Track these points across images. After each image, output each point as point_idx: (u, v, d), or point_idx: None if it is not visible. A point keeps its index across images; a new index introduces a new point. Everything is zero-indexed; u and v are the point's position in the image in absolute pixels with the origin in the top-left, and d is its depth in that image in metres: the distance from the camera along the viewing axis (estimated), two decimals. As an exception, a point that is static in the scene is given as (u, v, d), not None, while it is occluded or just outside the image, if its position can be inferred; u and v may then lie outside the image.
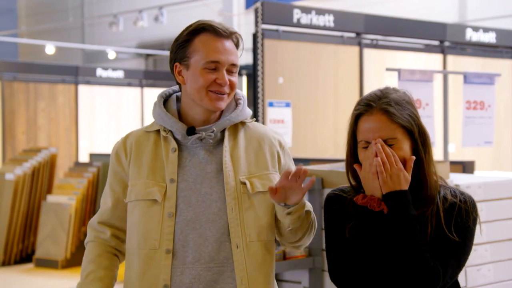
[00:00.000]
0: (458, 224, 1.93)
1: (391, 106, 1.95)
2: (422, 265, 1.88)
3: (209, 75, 2.01)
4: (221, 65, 2.01)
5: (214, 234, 2.00)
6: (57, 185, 8.06)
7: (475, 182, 3.27)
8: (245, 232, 2.01)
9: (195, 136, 2.02)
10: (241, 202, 2.02)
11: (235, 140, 2.08)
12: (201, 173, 2.03)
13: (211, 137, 2.03)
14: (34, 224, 8.02)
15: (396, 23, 7.35)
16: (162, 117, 2.06)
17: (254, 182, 2.05)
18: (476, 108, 4.28)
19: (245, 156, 2.07)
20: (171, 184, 2.02)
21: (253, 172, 2.06)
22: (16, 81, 11.13)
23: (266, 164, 2.09)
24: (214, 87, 2.01)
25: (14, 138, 10.93)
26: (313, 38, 6.70)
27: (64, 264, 7.52)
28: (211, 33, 2.02)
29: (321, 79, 6.73)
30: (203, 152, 2.05)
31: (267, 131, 2.16)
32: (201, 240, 1.99)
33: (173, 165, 2.03)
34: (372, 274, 1.94)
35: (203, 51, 2.01)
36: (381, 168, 1.91)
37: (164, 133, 2.06)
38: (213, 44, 2.01)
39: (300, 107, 6.49)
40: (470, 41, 7.71)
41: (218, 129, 2.05)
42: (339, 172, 3.41)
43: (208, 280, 1.99)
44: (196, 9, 15.24)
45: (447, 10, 12.29)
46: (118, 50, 15.88)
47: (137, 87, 12.67)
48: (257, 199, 2.04)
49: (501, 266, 3.38)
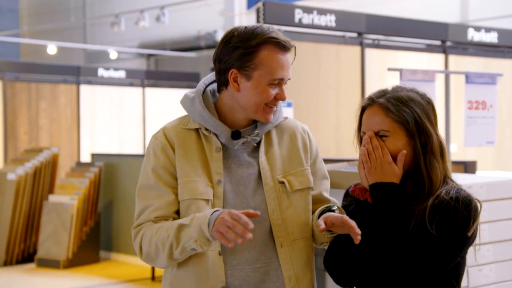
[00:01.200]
0: (441, 220, 1.93)
1: (389, 101, 2.00)
2: (398, 257, 1.92)
3: (271, 91, 2.00)
4: (283, 81, 2.02)
5: (259, 235, 2.01)
6: (59, 185, 8.06)
7: (477, 182, 3.27)
8: (287, 230, 2.03)
9: (241, 141, 2.02)
10: (281, 201, 2.04)
11: (268, 139, 2.09)
12: (244, 175, 2.03)
13: (256, 141, 2.05)
14: (36, 224, 8.02)
15: (398, 23, 7.34)
16: (205, 118, 2.03)
17: (292, 181, 2.06)
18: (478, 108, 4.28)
19: (280, 154, 2.09)
20: (218, 185, 2.01)
21: (289, 170, 2.08)
22: (18, 81, 11.13)
23: (300, 160, 2.10)
24: (271, 103, 2.02)
25: (16, 138, 10.94)
26: (315, 38, 6.69)
27: (66, 264, 7.52)
28: (276, 46, 1.99)
29: (322, 79, 6.72)
30: (245, 154, 2.05)
31: (297, 125, 2.18)
32: (246, 242, 1.97)
33: (219, 166, 2.02)
34: (360, 262, 1.98)
35: (270, 66, 1.99)
36: (366, 158, 1.98)
37: (206, 132, 2.04)
38: (278, 60, 1.99)
39: (302, 107, 6.49)
40: (472, 41, 7.70)
41: (263, 133, 2.06)
42: (341, 172, 3.40)
43: (256, 281, 2.01)
44: (198, 9, 15.24)
45: (449, 10, 12.28)
46: (120, 50, 15.88)
47: (138, 87, 12.68)
48: (296, 197, 2.06)
49: (503, 266, 3.38)
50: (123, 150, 11.92)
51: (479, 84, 4.29)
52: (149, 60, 18.34)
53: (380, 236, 1.93)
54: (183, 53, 16.09)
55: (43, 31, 17.97)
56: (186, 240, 1.92)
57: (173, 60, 17.54)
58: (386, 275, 1.95)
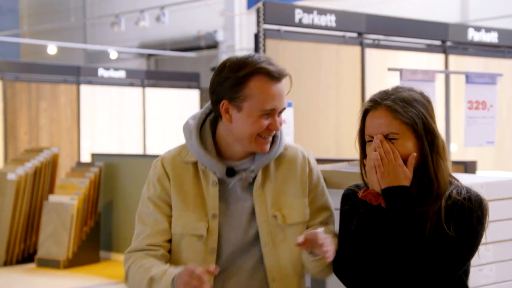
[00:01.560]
0: (458, 221, 1.93)
1: (395, 103, 1.97)
2: (416, 261, 1.90)
3: (263, 122, 1.97)
4: (276, 111, 1.98)
5: (250, 270, 2.00)
6: (59, 185, 8.06)
7: (477, 182, 3.27)
8: (280, 265, 2.01)
9: (236, 179, 2.01)
10: (274, 236, 2.01)
11: (265, 172, 2.06)
12: (239, 209, 2.02)
13: (251, 177, 2.02)
14: (36, 224, 8.02)
15: (398, 23, 7.34)
16: (200, 155, 2.02)
17: (285, 214, 2.03)
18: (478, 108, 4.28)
19: (276, 187, 2.05)
20: (213, 220, 2.00)
21: (284, 203, 2.04)
22: (18, 81, 11.13)
23: (297, 192, 2.07)
24: (265, 133, 1.99)
25: (16, 138, 10.94)
26: (315, 38, 6.69)
27: (66, 264, 7.52)
28: (266, 76, 1.97)
29: (322, 79, 6.72)
30: (240, 189, 2.03)
31: (297, 154, 2.12)
32: (237, 277, 2.00)
33: (214, 200, 2.00)
34: (373, 268, 1.96)
35: (259, 97, 1.96)
36: (379, 163, 1.94)
37: (202, 166, 2.03)
38: (268, 90, 1.96)
39: (302, 107, 6.49)
40: (472, 41, 7.70)
41: (258, 169, 2.03)
42: (342, 172, 3.40)
43: None
44: (198, 9, 15.24)
45: (449, 10, 12.27)
46: (120, 50, 15.88)
47: (139, 87, 12.68)
48: (290, 231, 2.04)
49: (503, 266, 3.38)
50: (123, 150, 11.93)
51: (479, 84, 4.29)
52: (149, 60, 18.34)
53: (400, 241, 1.91)
54: (183, 53, 16.10)
55: (43, 31, 17.97)
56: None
57: (173, 60, 17.54)
58: (405, 279, 1.92)
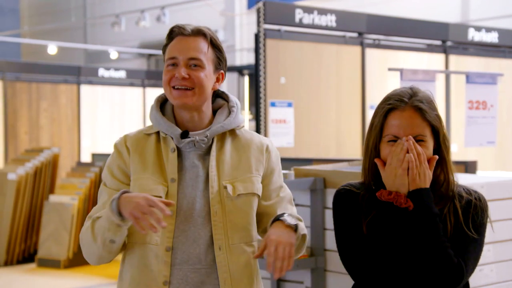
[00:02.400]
0: (475, 221, 1.97)
1: (423, 103, 1.96)
2: (447, 262, 1.91)
3: (170, 71, 2.07)
4: (178, 60, 2.06)
5: (202, 237, 2.04)
6: (60, 185, 8.07)
7: (477, 182, 3.27)
8: (227, 234, 2.05)
9: (187, 140, 2.06)
10: (224, 206, 2.05)
11: (222, 146, 2.12)
12: (193, 177, 2.06)
13: (203, 142, 2.07)
14: (37, 224, 8.03)
15: (398, 23, 7.34)
16: (158, 120, 2.10)
17: (237, 186, 2.08)
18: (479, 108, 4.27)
19: (231, 162, 2.11)
20: (172, 184, 2.05)
21: (236, 176, 2.09)
22: (18, 81, 11.13)
23: (250, 167, 2.11)
24: (174, 83, 2.06)
25: (16, 138, 10.94)
26: (315, 38, 6.69)
27: (67, 264, 7.52)
28: (176, 34, 2.09)
29: (323, 79, 6.72)
30: (196, 157, 2.08)
31: (254, 136, 2.19)
32: (190, 242, 2.03)
33: (173, 165, 2.06)
34: (393, 271, 1.95)
35: (167, 50, 2.09)
36: (413, 165, 1.92)
37: (163, 133, 2.10)
38: (174, 43, 2.09)
39: (302, 107, 6.49)
40: (473, 41, 7.70)
41: (211, 135, 2.09)
42: (342, 172, 3.40)
43: (195, 281, 2.03)
44: (198, 9, 15.25)
45: (449, 10, 12.27)
46: (120, 50, 15.88)
47: (139, 87, 12.68)
48: (239, 202, 2.07)
49: (504, 266, 3.38)
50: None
51: (479, 84, 4.28)
52: (150, 60, 18.34)
53: (427, 242, 1.91)
54: (183, 53, 16.08)
55: (44, 31, 17.97)
56: (101, 232, 1.98)
57: (174, 60, 17.52)
58: (431, 279, 1.93)
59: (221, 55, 2.13)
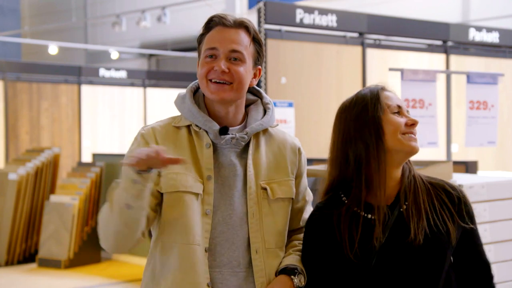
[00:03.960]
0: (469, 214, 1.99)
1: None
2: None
3: (208, 64, 1.96)
4: (218, 52, 1.95)
5: (240, 239, 1.97)
6: (60, 185, 8.07)
7: (478, 182, 3.26)
8: (264, 238, 1.98)
9: (228, 136, 1.97)
10: (261, 207, 1.99)
11: (258, 145, 2.04)
12: (231, 175, 1.98)
13: (243, 140, 1.99)
14: (37, 224, 8.03)
15: (399, 23, 7.34)
16: (194, 114, 1.99)
17: (274, 188, 2.01)
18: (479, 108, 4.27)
19: (266, 162, 2.03)
20: (209, 181, 1.96)
21: (273, 177, 2.03)
22: (19, 81, 11.14)
23: (286, 170, 2.05)
24: (212, 76, 1.95)
25: (17, 138, 10.95)
26: (316, 38, 6.69)
27: (67, 264, 7.52)
28: (217, 24, 1.98)
29: (324, 79, 6.73)
30: (233, 155, 1.99)
31: (287, 136, 2.12)
32: (229, 244, 1.96)
33: (209, 161, 1.97)
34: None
35: (206, 40, 1.98)
36: None
37: (196, 128, 1.99)
38: (214, 33, 1.97)
39: (303, 107, 6.49)
40: (473, 41, 7.70)
41: (251, 133, 2.00)
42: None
43: (234, 285, 1.96)
44: (199, 9, 15.24)
45: (450, 10, 12.27)
46: (121, 50, 15.89)
47: (140, 87, 12.68)
48: (276, 206, 2.02)
49: (505, 266, 3.38)
50: (124, 150, 11.90)
51: (480, 84, 4.28)
52: (150, 60, 18.34)
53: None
54: (184, 53, 16.09)
55: (45, 31, 17.97)
56: (117, 197, 1.86)
57: (174, 60, 17.54)
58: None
59: (261, 50, 2.03)
